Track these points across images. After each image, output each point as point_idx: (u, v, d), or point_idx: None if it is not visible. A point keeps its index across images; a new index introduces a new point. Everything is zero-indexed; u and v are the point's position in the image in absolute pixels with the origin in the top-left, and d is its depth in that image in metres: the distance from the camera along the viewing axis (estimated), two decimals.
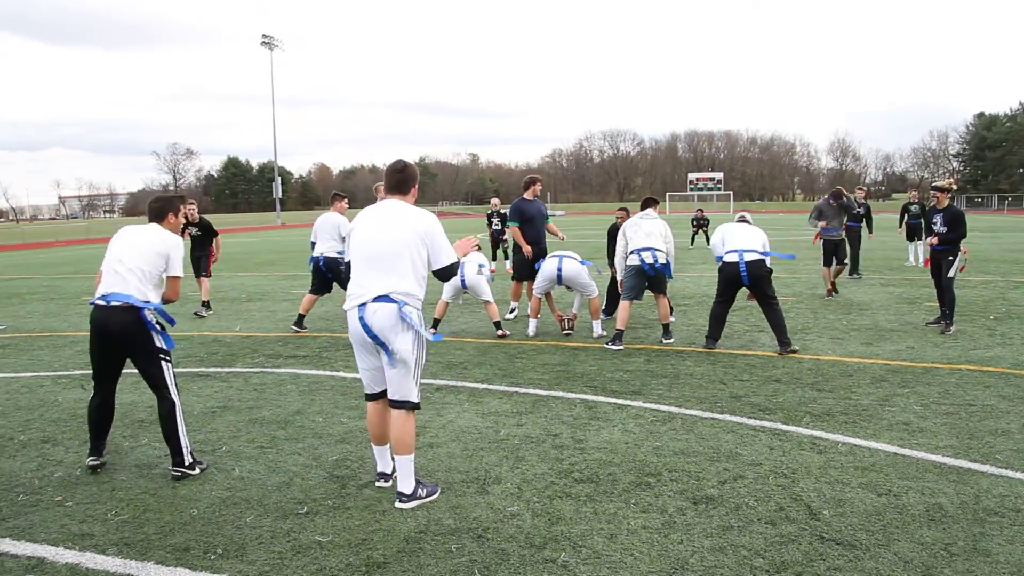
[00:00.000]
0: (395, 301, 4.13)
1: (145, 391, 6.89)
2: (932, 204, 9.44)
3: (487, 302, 9.27)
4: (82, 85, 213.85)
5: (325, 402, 6.33)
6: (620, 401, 6.18)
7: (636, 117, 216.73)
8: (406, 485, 4.23)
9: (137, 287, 4.70)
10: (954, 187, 9.38)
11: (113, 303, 4.67)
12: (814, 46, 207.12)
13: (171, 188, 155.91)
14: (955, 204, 9.21)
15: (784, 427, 5.47)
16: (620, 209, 10.61)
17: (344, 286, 9.79)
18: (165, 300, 4.94)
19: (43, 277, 21.60)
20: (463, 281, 9.25)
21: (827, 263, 12.50)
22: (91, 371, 4.89)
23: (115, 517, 4.15)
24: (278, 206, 75.70)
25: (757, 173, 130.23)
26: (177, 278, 4.92)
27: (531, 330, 9.28)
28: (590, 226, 43.00)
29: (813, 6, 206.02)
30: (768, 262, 8.09)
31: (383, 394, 4.42)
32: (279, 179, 75.52)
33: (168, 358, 4.88)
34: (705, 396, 6.29)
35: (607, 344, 8.38)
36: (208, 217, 12.99)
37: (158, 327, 4.82)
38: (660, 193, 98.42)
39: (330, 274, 9.85)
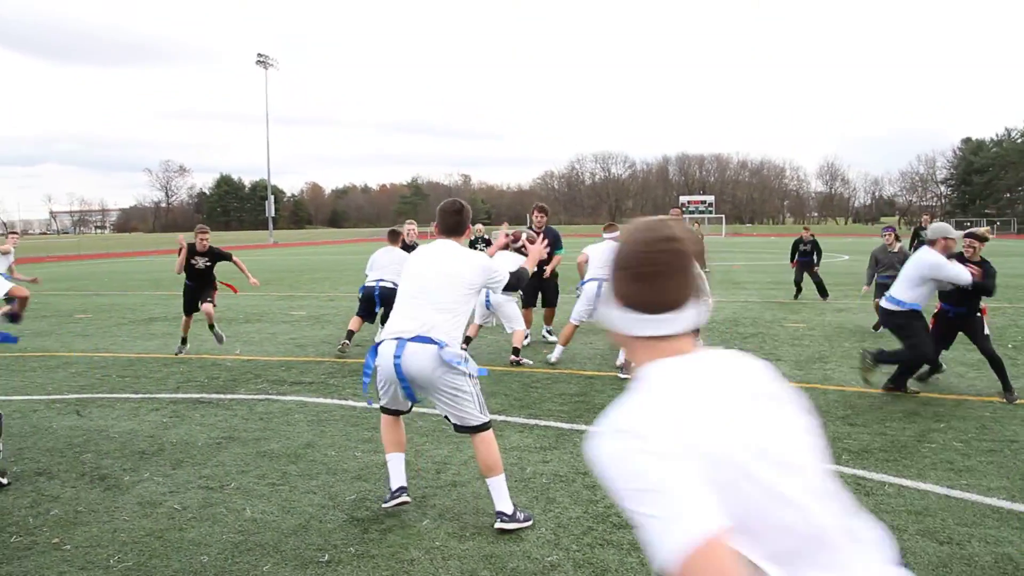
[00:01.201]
0: (435, 342, 3.98)
1: (145, 419, 6.54)
2: (960, 253, 7.21)
3: (514, 328, 8.99)
4: (78, 102, 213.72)
5: (336, 434, 5.99)
6: None
7: (627, 140, 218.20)
8: (504, 504, 4.09)
9: None
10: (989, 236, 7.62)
11: None
12: (803, 71, 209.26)
13: (163, 205, 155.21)
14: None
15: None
16: (611, 224, 10.38)
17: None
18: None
19: (34, 293, 21.12)
20: (487, 303, 9.04)
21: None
22: (86, 395, 4.56)
23: (118, 564, 3.80)
24: (271, 224, 75.26)
25: (747, 196, 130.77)
26: None
27: (555, 356, 8.83)
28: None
29: (802, 32, 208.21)
30: None
31: (399, 411, 4.36)
32: (272, 197, 75.18)
33: None
34: None
35: (621, 374, 8.07)
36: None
37: None
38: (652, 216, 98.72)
39: (382, 306, 9.44)
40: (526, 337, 9.94)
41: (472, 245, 19.13)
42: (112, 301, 17.93)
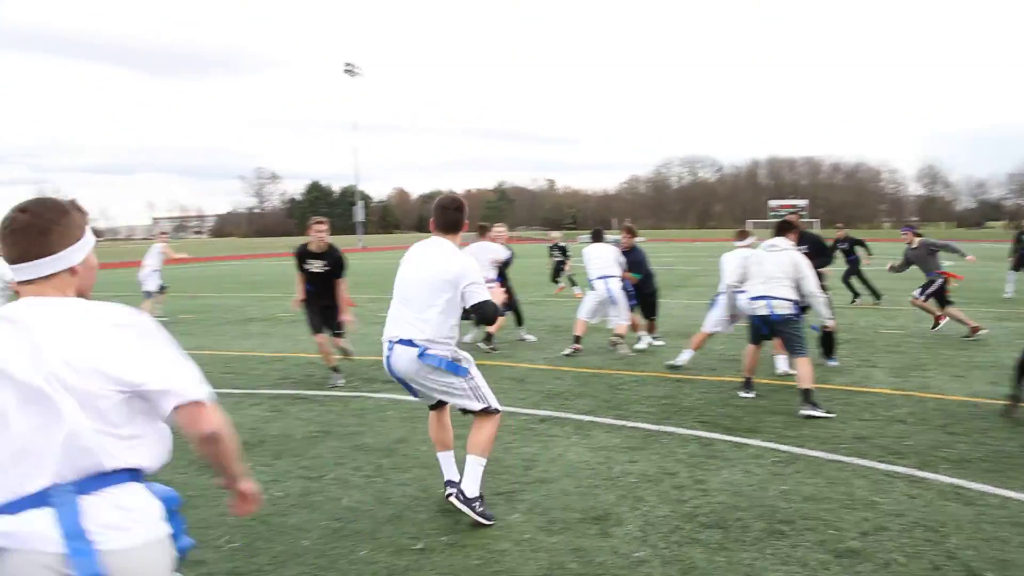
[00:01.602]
0: (416, 346, 4.14)
1: (247, 412, 6.87)
2: None
3: (619, 322, 9.59)
4: (174, 112, 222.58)
5: (427, 431, 6.15)
6: (736, 439, 5.85)
7: (715, 143, 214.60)
8: (469, 487, 4.20)
9: None
10: None
11: None
12: (898, 67, 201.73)
13: (256, 210, 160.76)
14: None
15: (920, 473, 5.06)
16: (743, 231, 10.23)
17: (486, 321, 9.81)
18: None
19: (138, 295, 22.27)
20: (611, 295, 9.53)
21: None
22: None
23: (227, 544, 4.04)
24: (360, 229, 76.98)
25: (841, 201, 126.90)
26: None
27: (684, 359, 8.63)
28: (670, 253, 42.34)
29: (894, 29, 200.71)
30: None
31: (440, 404, 4.53)
32: (361, 203, 76.98)
33: None
34: (827, 436, 5.90)
35: (741, 393, 7.28)
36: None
37: None
38: (740, 221, 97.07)
39: None
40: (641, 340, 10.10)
41: (550, 251, 19.34)
42: (212, 302, 18.75)
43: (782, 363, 8.35)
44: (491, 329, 10.11)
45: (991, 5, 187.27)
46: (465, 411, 4.35)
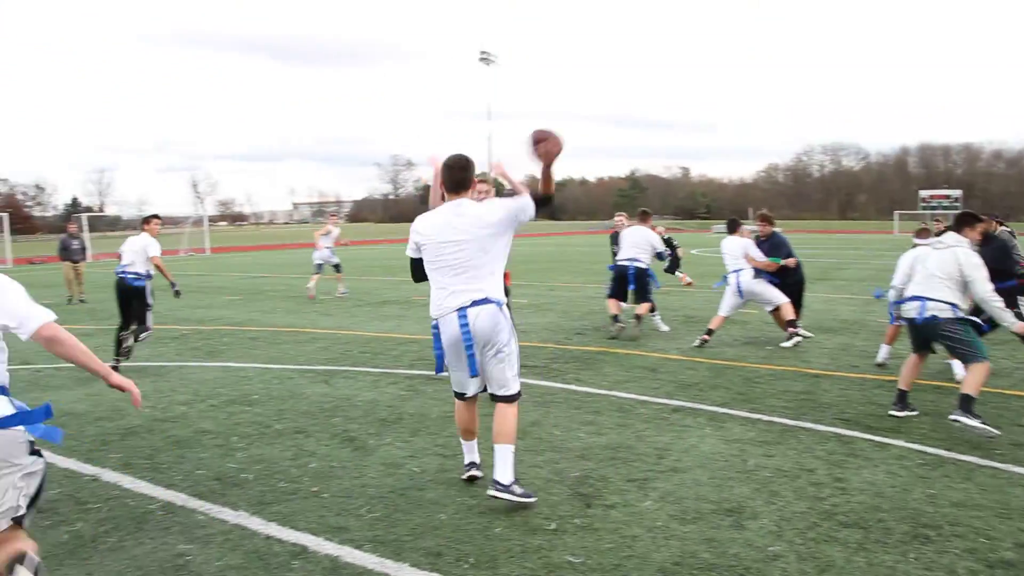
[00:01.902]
0: (493, 301, 4.27)
1: (384, 391, 7.18)
2: None
3: (776, 306, 9.54)
4: (314, 102, 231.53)
5: (560, 415, 6.27)
6: (879, 439, 5.64)
7: (860, 129, 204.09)
8: (504, 475, 4.28)
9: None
10: None
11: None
12: None
13: (391, 197, 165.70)
14: None
15: None
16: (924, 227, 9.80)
17: (645, 298, 10.13)
18: None
19: (281, 276, 23.51)
20: (739, 290, 9.50)
21: None
22: (332, 367, 5.11)
23: (368, 514, 4.27)
24: None
25: (1003, 191, 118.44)
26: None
27: (882, 356, 8.32)
28: (811, 244, 40.73)
29: None
30: None
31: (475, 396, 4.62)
32: (493, 191, 77.97)
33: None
34: (979, 441, 5.60)
35: (893, 411, 6.44)
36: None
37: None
38: (886, 212, 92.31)
39: (634, 284, 10.24)
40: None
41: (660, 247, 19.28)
42: (349, 286, 19.52)
43: (959, 369, 7.50)
44: (640, 311, 10.23)
45: None
46: (496, 397, 4.45)
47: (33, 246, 61.50)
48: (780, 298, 9.49)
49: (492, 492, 4.31)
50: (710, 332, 9.46)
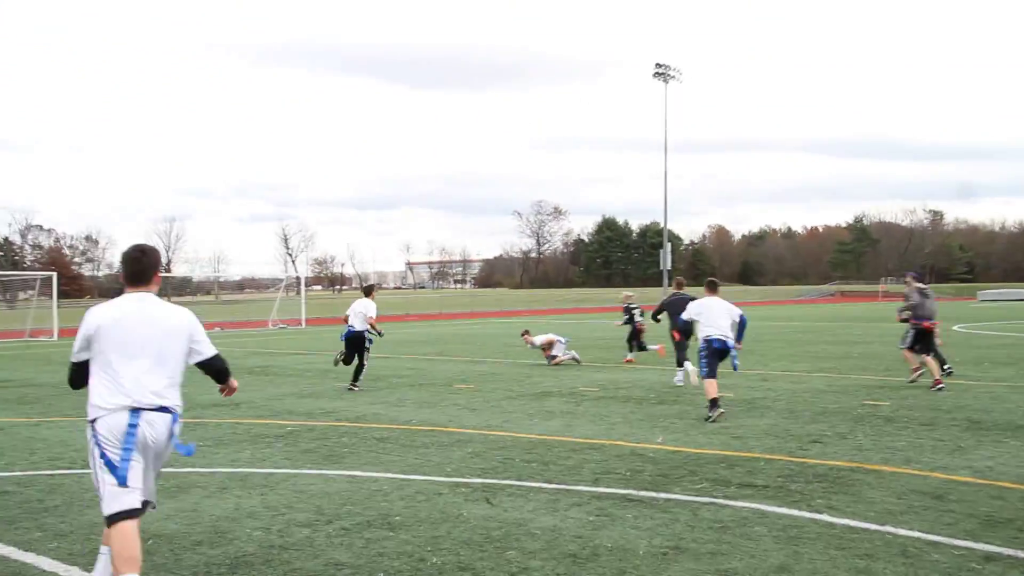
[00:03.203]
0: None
1: (566, 515, 7.11)
2: None
3: None
4: (440, 134, 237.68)
5: (817, 558, 5.98)
6: None
7: None
8: None
9: None
10: None
11: None
12: None
13: (532, 255, 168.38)
14: None
15: None
16: None
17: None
18: None
19: (401, 357, 24.07)
20: None
21: None
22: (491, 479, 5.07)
23: None
24: (665, 279, 77.75)
25: None
26: None
27: None
28: None
29: None
30: None
31: None
32: (668, 245, 77.90)
33: None
34: None
35: None
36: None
37: None
38: None
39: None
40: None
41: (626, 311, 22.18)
42: (492, 370, 19.81)
43: None
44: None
45: None
46: None
47: (79, 312, 65.30)
48: None
49: None
50: None
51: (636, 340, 21.17)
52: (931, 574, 5.67)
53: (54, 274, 43.62)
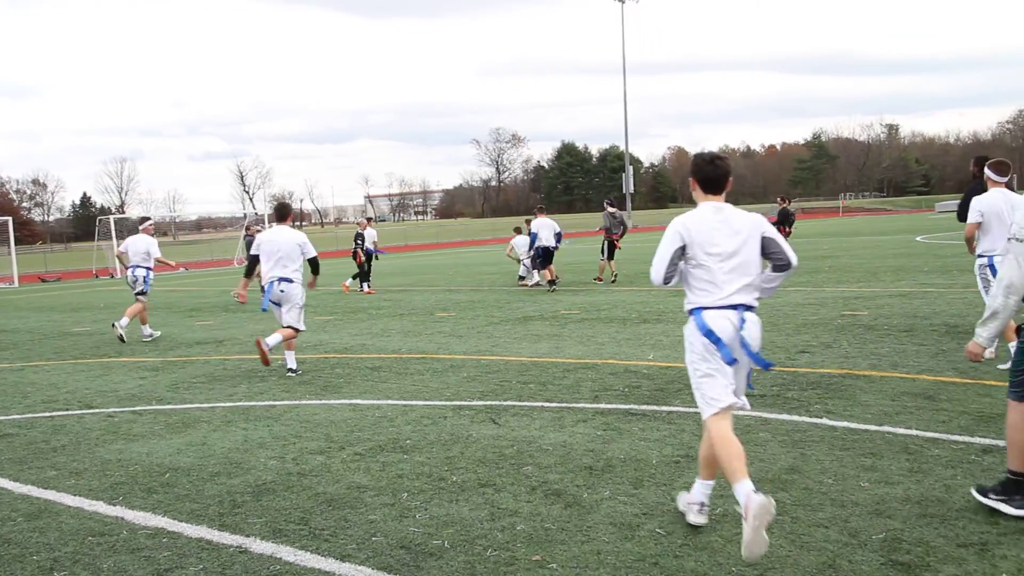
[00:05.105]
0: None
1: (574, 431, 7.28)
2: None
3: None
4: (396, 64, 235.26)
5: (824, 459, 6.19)
6: None
7: None
8: None
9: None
10: None
11: None
12: None
13: (493, 183, 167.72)
14: None
15: None
16: None
17: None
18: None
19: (383, 289, 24.10)
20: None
21: None
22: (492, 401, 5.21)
23: None
24: (628, 203, 77.95)
25: None
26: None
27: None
28: None
29: None
30: None
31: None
32: (631, 169, 77.88)
33: None
34: None
35: None
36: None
37: None
38: None
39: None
40: None
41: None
42: (469, 297, 19.92)
43: None
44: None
45: None
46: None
47: (33, 259, 63.88)
48: None
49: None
50: None
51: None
52: (935, 467, 5.90)
53: (9, 219, 42.90)
